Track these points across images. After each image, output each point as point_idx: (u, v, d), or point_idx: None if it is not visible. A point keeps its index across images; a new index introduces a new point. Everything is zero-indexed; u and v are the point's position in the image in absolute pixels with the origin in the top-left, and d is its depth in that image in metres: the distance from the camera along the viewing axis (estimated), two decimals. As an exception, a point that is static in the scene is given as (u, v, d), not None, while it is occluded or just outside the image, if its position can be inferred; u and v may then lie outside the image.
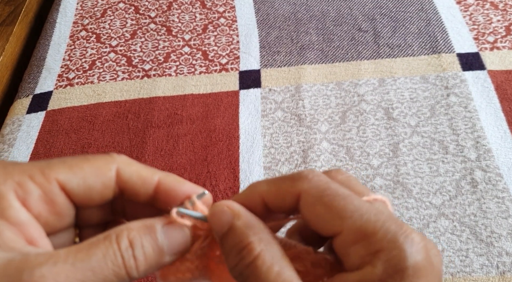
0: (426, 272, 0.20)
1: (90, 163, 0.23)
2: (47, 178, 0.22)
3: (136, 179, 0.24)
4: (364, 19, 0.80)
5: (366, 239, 0.21)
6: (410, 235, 0.20)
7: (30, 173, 0.22)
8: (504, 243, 0.54)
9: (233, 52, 0.78)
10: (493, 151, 0.62)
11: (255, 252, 0.21)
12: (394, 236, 0.20)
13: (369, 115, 0.67)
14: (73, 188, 0.22)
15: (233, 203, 0.24)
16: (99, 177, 0.23)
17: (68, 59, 0.81)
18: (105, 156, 0.24)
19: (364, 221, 0.21)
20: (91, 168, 0.23)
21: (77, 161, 0.23)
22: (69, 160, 0.23)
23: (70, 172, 0.23)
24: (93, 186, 0.23)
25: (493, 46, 0.73)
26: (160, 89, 0.75)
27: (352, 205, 0.21)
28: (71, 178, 0.22)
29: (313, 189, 0.22)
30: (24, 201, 0.21)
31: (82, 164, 0.23)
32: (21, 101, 0.77)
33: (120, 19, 0.87)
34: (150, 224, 0.23)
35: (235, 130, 0.68)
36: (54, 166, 0.23)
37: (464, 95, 0.68)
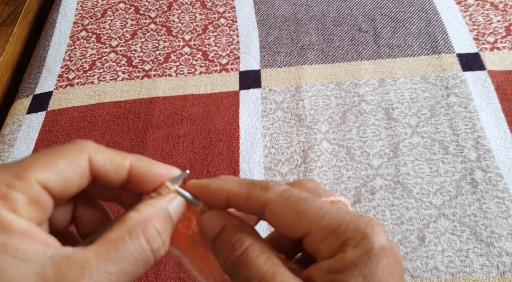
0: (389, 252, 0.23)
1: (63, 156, 0.23)
2: (28, 182, 0.22)
3: (109, 166, 0.25)
4: (364, 20, 0.80)
5: (333, 233, 0.23)
6: (370, 222, 0.23)
7: (8, 181, 0.22)
8: (504, 243, 0.54)
9: (233, 53, 0.78)
10: (493, 151, 0.62)
11: (246, 244, 0.24)
12: (356, 225, 0.23)
13: (369, 115, 0.67)
14: (54, 185, 0.23)
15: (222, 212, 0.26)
16: (74, 170, 0.23)
17: (68, 60, 0.81)
18: (74, 146, 0.24)
19: (328, 218, 0.23)
20: (65, 161, 0.23)
21: (50, 156, 0.23)
22: (41, 157, 0.23)
23: (47, 170, 0.22)
24: (70, 179, 0.23)
25: (493, 47, 0.73)
26: (160, 90, 0.75)
27: (314, 206, 0.24)
28: (49, 176, 0.22)
29: (278, 198, 0.25)
30: (15, 211, 0.21)
31: (56, 159, 0.23)
32: (21, 101, 0.77)
33: (120, 20, 0.87)
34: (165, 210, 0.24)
35: (235, 130, 0.68)
36: (31, 167, 0.22)
37: (464, 95, 0.68)
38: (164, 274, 0.55)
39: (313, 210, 0.24)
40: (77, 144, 0.24)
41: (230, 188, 0.26)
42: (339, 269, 0.22)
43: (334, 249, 0.23)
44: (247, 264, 0.23)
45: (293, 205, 0.24)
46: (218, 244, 0.25)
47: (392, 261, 0.23)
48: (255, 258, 0.23)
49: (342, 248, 0.23)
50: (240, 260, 0.24)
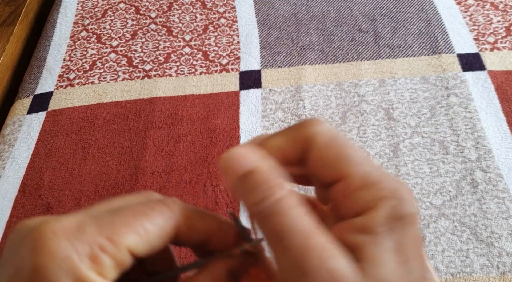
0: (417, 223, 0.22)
1: (152, 222, 0.23)
2: (118, 247, 0.22)
3: (191, 234, 0.25)
4: (365, 20, 0.81)
5: (371, 186, 0.22)
6: (406, 188, 0.22)
7: (101, 244, 0.21)
8: (504, 244, 0.54)
9: (234, 53, 0.78)
10: (494, 151, 0.62)
11: (281, 193, 0.22)
12: (395, 186, 0.22)
13: (369, 115, 0.68)
14: (140, 250, 0.23)
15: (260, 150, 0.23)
16: (161, 238, 0.23)
17: (68, 60, 0.81)
18: (164, 209, 0.24)
19: (370, 169, 0.22)
20: (154, 228, 0.23)
21: (140, 221, 0.23)
22: (132, 221, 0.23)
23: (137, 236, 0.22)
24: (155, 246, 0.23)
25: (493, 47, 0.73)
26: (161, 90, 0.75)
27: (359, 154, 0.23)
28: (138, 242, 0.22)
29: (326, 133, 0.23)
30: (101, 274, 0.21)
31: (146, 225, 0.23)
32: (22, 101, 0.77)
33: (121, 20, 0.87)
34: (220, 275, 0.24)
35: (235, 130, 0.68)
36: (122, 232, 0.22)
37: (464, 95, 0.68)
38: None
39: (358, 156, 0.22)
40: (168, 206, 0.24)
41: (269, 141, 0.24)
42: (372, 228, 0.21)
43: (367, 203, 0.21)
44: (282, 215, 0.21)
45: (338, 145, 0.23)
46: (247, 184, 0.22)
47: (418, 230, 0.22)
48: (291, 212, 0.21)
49: (376, 204, 0.21)
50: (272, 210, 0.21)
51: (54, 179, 0.66)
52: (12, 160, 0.69)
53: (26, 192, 0.65)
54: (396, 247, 0.21)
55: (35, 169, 0.67)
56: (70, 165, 0.67)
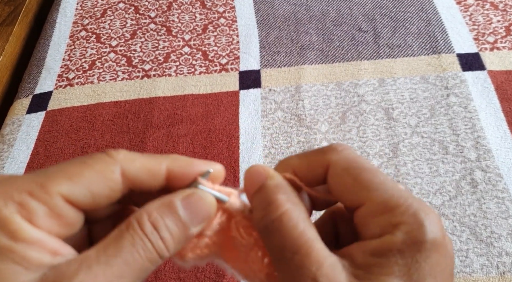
0: (441, 249, 0.21)
1: (90, 168, 0.22)
2: (49, 193, 0.21)
3: (144, 175, 0.23)
4: (364, 20, 0.80)
5: (389, 211, 0.22)
6: (430, 214, 0.22)
7: (30, 190, 0.21)
8: (504, 243, 0.54)
9: (233, 53, 0.78)
10: (493, 151, 0.62)
11: (282, 208, 0.22)
12: (415, 211, 0.22)
13: (369, 115, 0.67)
14: (78, 198, 0.22)
15: (268, 167, 0.25)
16: (103, 183, 0.22)
17: (68, 59, 0.81)
18: (104, 156, 0.23)
19: (389, 195, 0.22)
20: (93, 173, 0.22)
21: (77, 167, 0.22)
22: (67, 168, 0.22)
23: (71, 183, 0.21)
24: (99, 192, 0.22)
25: (493, 47, 0.73)
26: (160, 90, 0.75)
27: (378, 179, 0.23)
28: (74, 189, 0.21)
29: (342, 160, 0.24)
30: (31, 220, 0.21)
31: (82, 171, 0.22)
32: (21, 101, 0.77)
33: (120, 19, 0.87)
34: (169, 201, 0.23)
35: (235, 130, 0.68)
36: (54, 178, 0.21)
37: (464, 95, 0.68)
38: (164, 274, 0.55)
39: (376, 182, 0.23)
40: (108, 154, 0.23)
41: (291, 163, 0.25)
42: (384, 252, 0.21)
43: (384, 228, 0.22)
44: (282, 231, 0.22)
45: (356, 172, 0.23)
46: (255, 202, 0.24)
47: (443, 258, 0.21)
48: (292, 226, 0.22)
49: (393, 230, 0.21)
50: (275, 225, 0.22)
51: (53, 178, 0.66)
52: (12, 160, 0.68)
53: (25, 192, 0.65)
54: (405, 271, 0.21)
55: (35, 168, 0.67)
56: (69, 165, 0.67)
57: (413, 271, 0.21)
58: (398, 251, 0.21)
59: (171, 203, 0.23)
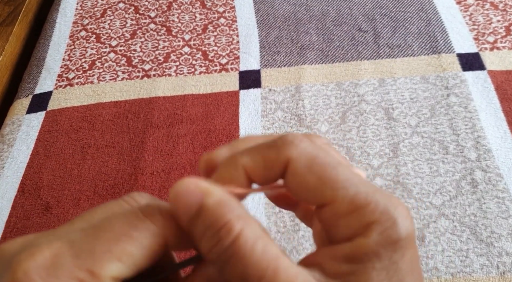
0: (413, 243, 0.20)
1: (137, 245, 0.20)
2: (100, 279, 0.19)
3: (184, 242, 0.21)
4: (364, 19, 0.80)
5: (359, 210, 0.20)
6: (399, 207, 0.20)
7: (79, 278, 0.19)
8: (504, 243, 0.54)
9: (233, 52, 0.78)
10: (493, 151, 0.62)
11: (235, 231, 0.19)
12: (385, 207, 0.20)
13: (369, 115, 0.67)
14: (126, 275, 0.20)
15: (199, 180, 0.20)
16: (149, 259, 0.20)
17: (68, 59, 0.81)
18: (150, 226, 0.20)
19: (356, 192, 0.20)
20: (140, 251, 0.20)
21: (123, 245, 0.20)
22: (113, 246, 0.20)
23: (121, 265, 0.20)
24: (142, 266, 0.21)
25: (493, 47, 0.73)
26: (160, 89, 0.74)
27: (343, 175, 0.20)
28: (123, 269, 0.20)
29: (303, 157, 0.21)
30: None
31: (130, 249, 0.20)
32: (21, 101, 0.77)
33: (120, 19, 0.87)
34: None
35: (235, 130, 0.68)
36: (103, 261, 0.19)
37: (464, 95, 0.68)
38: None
39: (341, 179, 0.20)
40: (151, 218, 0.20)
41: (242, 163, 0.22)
42: (359, 257, 0.19)
43: (355, 229, 0.20)
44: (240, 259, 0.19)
45: (319, 169, 0.21)
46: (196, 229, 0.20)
47: (414, 252, 0.20)
48: (250, 249, 0.19)
49: (365, 231, 0.20)
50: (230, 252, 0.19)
51: (53, 178, 0.66)
52: (11, 160, 0.68)
53: (25, 191, 0.65)
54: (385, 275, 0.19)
55: (34, 168, 0.67)
56: (69, 165, 0.67)
57: (392, 273, 0.19)
58: (374, 254, 0.19)
59: None
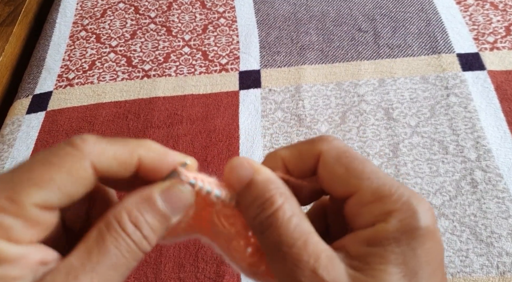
0: (434, 236, 0.21)
1: (59, 169, 0.21)
2: (21, 205, 0.20)
3: (115, 167, 0.22)
4: (364, 20, 0.80)
5: (382, 199, 0.22)
6: (422, 201, 0.22)
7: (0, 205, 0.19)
8: (504, 243, 0.54)
9: (233, 53, 0.78)
10: (493, 151, 0.62)
11: (276, 204, 0.22)
12: (408, 199, 0.21)
13: (369, 115, 0.67)
14: (53, 202, 0.21)
15: (253, 160, 0.24)
16: (75, 182, 0.21)
17: (68, 60, 0.81)
18: (71, 150, 0.21)
19: (381, 183, 0.22)
20: (63, 175, 0.21)
21: (44, 170, 0.20)
22: (34, 172, 0.20)
23: (42, 190, 0.20)
24: (72, 192, 0.21)
25: (493, 47, 0.73)
26: (160, 90, 0.75)
27: (369, 168, 0.23)
28: (46, 195, 0.20)
29: (333, 150, 0.23)
30: (8, 237, 0.20)
31: (51, 175, 0.20)
32: (21, 101, 0.77)
33: (120, 20, 0.87)
34: (147, 196, 0.22)
35: (235, 130, 0.68)
36: (22, 188, 0.20)
37: (464, 95, 0.68)
38: (164, 274, 0.55)
39: (367, 171, 0.22)
40: (75, 146, 0.21)
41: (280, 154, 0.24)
42: (379, 241, 0.21)
43: (377, 216, 0.21)
44: (277, 227, 0.22)
45: (347, 161, 0.23)
46: (245, 199, 0.23)
47: (435, 245, 0.21)
48: (286, 221, 0.22)
49: (386, 218, 0.21)
50: (269, 221, 0.22)
51: (53, 179, 0.66)
52: (11, 160, 0.68)
53: (25, 192, 0.65)
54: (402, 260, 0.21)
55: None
56: (69, 165, 0.67)
57: (409, 258, 0.21)
58: (394, 239, 0.21)
59: (150, 197, 0.22)
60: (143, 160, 0.23)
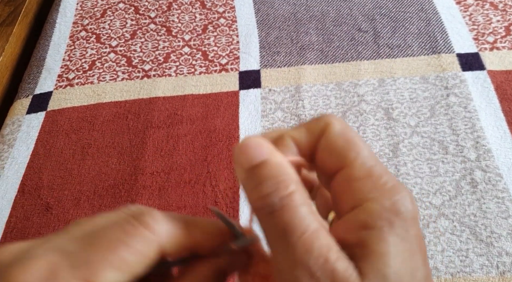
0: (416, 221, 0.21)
1: (132, 252, 0.21)
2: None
3: (179, 250, 0.23)
4: (364, 20, 0.80)
5: (373, 177, 0.21)
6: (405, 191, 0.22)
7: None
8: (504, 243, 0.54)
9: (233, 53, 0.78)
10: (493, 151, 0.62)
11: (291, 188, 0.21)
12: (396, 184, 0.21)
13: (369, 115, 0.68)
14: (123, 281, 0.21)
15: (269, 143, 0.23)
16: (143, 264, 0.21)
17: (68, 60, 0.81)
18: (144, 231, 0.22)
19: (375, 164, 0.22)
20: (135, 258, 0.21)
21: (119, 252, 0.21)
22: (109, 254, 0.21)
23: (116, 271, 0.20)
24: (139, 273, 0.21)
25: (493, 47, 0.73)
26: (160, 90, 0.75)
27: (367, 150, 0.23)
28: (119, 276, 0.20)
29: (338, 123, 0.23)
30: None
31: (125, 256, 0.21)
32: (21, 101, 0.77)
33: (120, 20, 0.87)
34: None
35: (235, 130, 0.68)
36: (98, 269, 0.20)
37: (463, 95, 0.68)
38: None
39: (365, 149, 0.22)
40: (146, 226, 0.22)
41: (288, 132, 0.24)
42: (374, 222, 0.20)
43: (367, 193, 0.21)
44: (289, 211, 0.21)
45: (349, 135, 0.23)
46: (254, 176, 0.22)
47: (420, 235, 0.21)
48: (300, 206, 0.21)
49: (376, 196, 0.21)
50: (283, 203, 0.21)
51: (54, 179, 0.66)
52: (12, 160, 0.68)
53: (25, 192, 0.65)
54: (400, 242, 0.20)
55: (35, 169, 0.67)
56: (69, 165, 0.67)
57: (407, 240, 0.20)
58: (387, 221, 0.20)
59: None
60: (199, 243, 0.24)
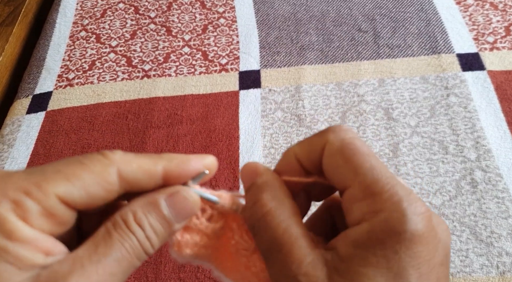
0: (425, 240, 0.20)
1: (88, 170, 0.22)
2: (45, 193, 0.21)
3: (141, 176, 0.24)
4: (364, 20, 0.80)
5: (372, 197, 0.21)
6: (415, 203, 0.21)
7: (26, 188, 0.21)
8: (504, 243, 0.54)
9: (233, 53, 0.78)
10: (493, 151, 0.62)
11: (266, 207, 0.23)
12: (399, 200, 0.21)
13: (369, 115, 0.68)
14: (74, 199, 0.22)
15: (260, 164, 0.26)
16: (100, 184, 0.22)
17: (68, 60, 0.81)
18: (101, 157, 0.23)
19: (375, 180, 0.21)
20: (90, 175, 0.22)
21: (74, 168, 0.22)
22: (64, 168, 0.22)
23: (68, 184, 0.21)
24: (95, 194, 0.22)
25: (493, 47, 0.73)
26: (160, 90, 0.75)
27: (369, 163, 0.22)
28: (71, 190, 0.21)
29: (337, 141, 0.23)
30: (26, 220, 0.21)
31: (79, 172, 0.22)
32: (21, 101, 0.77)
33: (120, 20, 0.87)
34: (153, 200, 0.23)
35: (235, 130, 0.68)
36: (51, 178, 0.21)
37: (464, 95, 0.68)
38: (164, 274, 0.55)
39: (365, 166, 0.22)
40: (104, 155, 0.23)
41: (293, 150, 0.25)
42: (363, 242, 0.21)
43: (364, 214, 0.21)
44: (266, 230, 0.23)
45: (348, 153, 0.22)
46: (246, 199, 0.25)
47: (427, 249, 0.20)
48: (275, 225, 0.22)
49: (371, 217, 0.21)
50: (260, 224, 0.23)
51: (53, 179, 0.66)
52: (11, 160, 0.68)
53: (25, 192, 0.65)
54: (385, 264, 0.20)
55: (34, 169, 0.67)
56: (69, 165, 0.67)
57: (392, 263, 0.20)
58: (378, 241, 0.20)
59: (155, 201, 0.23)
60: (167, 169, 0.24)
